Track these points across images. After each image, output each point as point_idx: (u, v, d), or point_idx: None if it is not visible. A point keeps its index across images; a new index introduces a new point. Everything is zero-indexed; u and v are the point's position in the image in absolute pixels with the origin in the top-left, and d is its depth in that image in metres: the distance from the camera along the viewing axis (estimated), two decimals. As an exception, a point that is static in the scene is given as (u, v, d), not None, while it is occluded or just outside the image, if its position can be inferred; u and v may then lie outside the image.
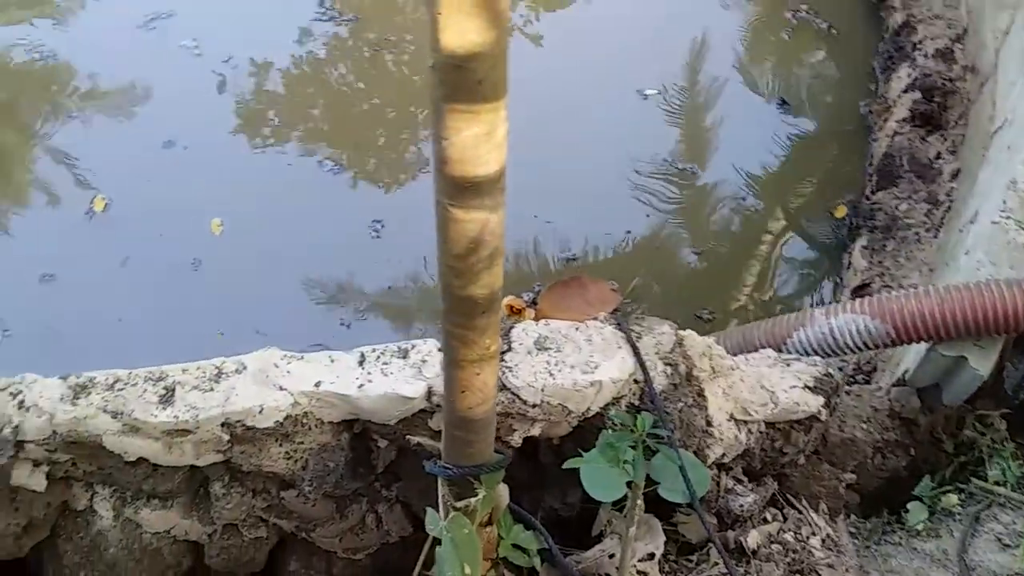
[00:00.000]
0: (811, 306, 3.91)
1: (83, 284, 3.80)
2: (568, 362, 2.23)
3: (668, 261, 4.01)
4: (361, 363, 2.27)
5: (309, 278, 3.83)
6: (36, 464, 2.26)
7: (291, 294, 3.79)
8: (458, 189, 1.31)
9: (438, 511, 1.90)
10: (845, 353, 2.67)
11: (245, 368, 2.25)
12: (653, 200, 4.13)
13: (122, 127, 4.16)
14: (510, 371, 2.20)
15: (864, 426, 2.88)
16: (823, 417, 2.52)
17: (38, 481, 2.27)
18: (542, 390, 2.19)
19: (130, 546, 2.46)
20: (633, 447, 1.79)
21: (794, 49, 4.81)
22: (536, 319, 2.52)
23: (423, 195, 4.04)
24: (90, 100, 4.24)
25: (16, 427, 2.15)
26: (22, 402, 2.18)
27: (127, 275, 3.84)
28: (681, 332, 2.38)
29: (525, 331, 2.32)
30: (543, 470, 2.51)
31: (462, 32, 1.14)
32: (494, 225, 1.37)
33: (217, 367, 2.25)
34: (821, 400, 2.49)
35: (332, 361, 2.28)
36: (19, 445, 2.17)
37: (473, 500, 1.83)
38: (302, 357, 2.29)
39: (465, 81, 1.19)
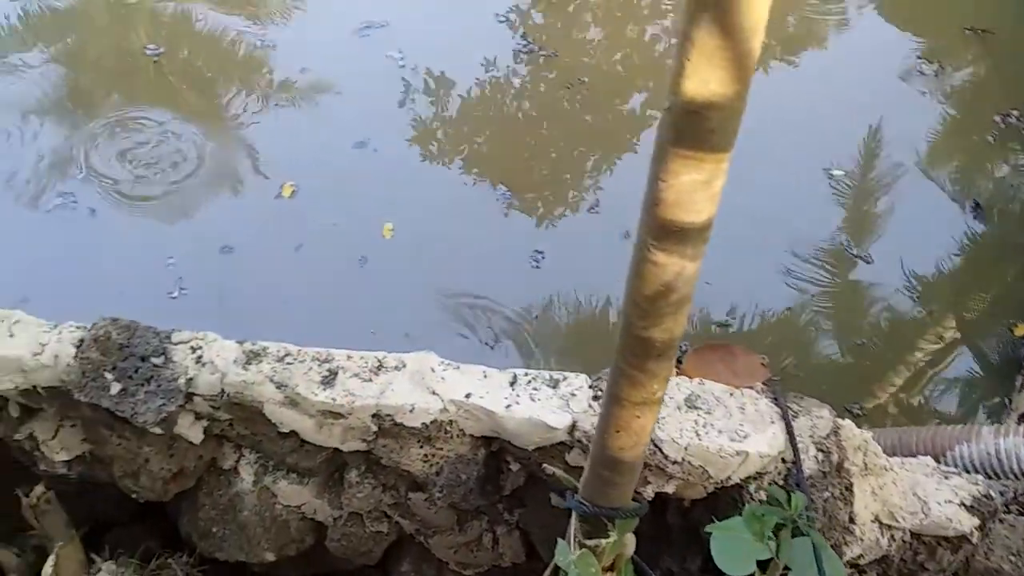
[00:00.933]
0: (969, 423, 3.69)
1: (258, 260, 4.03)
2: (717, 426, 2.19)
3: (819, 346, 3.89)
4: (512, 384, 2.31)
5: (464, 293, 3.93)
6: (198, 417, 2.40)
7: (443, 306, 3.90)
8: (665, 232, 1.32)
9: (565, 543, 1.90)
10: (1009, 477, 2.51)
11: (404, 366, 2.33)
12: (812, 281, 4.02)
13: (321, 121, 4.41)
14: (656, 422, 2.19)
15: (1012, 559, 2.68)
16: (974, 540, 2.38)
17: (196, 434, 2.42)
18: (685, 448, 2.16)
19: (262, 513, 2.57)
20: (783, 525, 1.74)
21: (996, 153, 4.60)
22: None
23: (586, 234, 4.08)
24: (296, 92, 4.53)
25: (190, 379, 2.30)
26: (200, 357, 2.33)
27: (299, 259, 4.04)
28: (839, 420, 2.30)
29: (678, 385, 2.31)
30: (667, 529, 2.47)
31: (706, 81, 1.16)
32: (690, 273, 1.38)
33: (379, 360, 2.34)
34: (976, 522, 2.35)
35: (485, 376, 2.33)
36: (189, 397, 2.32)
37: (604, 541, 1.82)
38: (458, 367, 2.35)
39: (698, 128, 1.21)
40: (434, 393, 2.28)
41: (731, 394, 2.28)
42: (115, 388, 2.27)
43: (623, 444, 1.68)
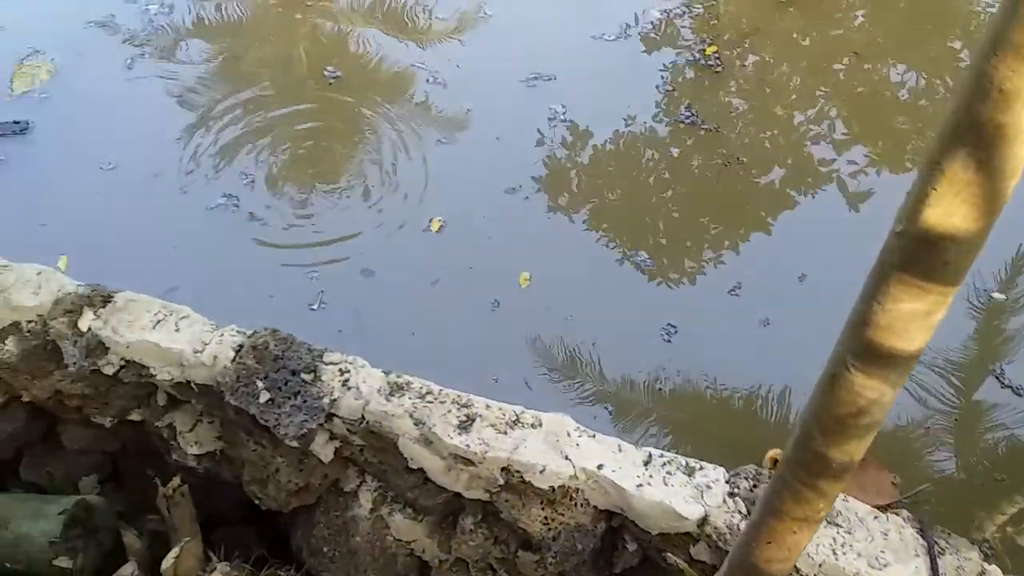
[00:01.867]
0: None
1: (395, 287, 4.12)
2: (856, 548, 2.10)
3: (938, 465, 3.69)
4: (646, 463, 2.27)
5: (591, 353, 3.91)
6: (332, 438, 2.46)
7: (569, 363, 3.89)
8: (870, 355, 1.28)
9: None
10: None
11: (540, 425, 2.33)
12: (938, 394, 3.84)
13: (478, 162, 4.50)
14: (793, 532, 2.11)
15: None
16: None
17: (327, 453, 2.47)
18: (820, 566, 2.07)
19: (373, 541, 2.60)
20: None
21: None
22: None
23: (723, 315, 4.00)
24: (459, 131, 4.64)
25: (334, 400, 2.36)
26: (347, 381, 2.39)
27: (434, 292, 4.11)
28: (986, 565, 2.16)
29: (818, 497, 2.22)
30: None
31: (950, 214, 1.12)
32: (888, 400, 1.33)
33: (516, 414, 2.35)
34: None
35: (620, 450, 2.30)
36: (329, 417, 2.38)
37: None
38: (594, 436, 2.33)
39: (931, 259, 1.17)
40: (567, 458, 2.26)
41: (875, 517, 2.18)
42: (264, 397, 2.34)
43: (771, 557, 1.62)
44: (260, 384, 2.35)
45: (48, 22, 4.93)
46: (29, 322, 2.47)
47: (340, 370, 2.42)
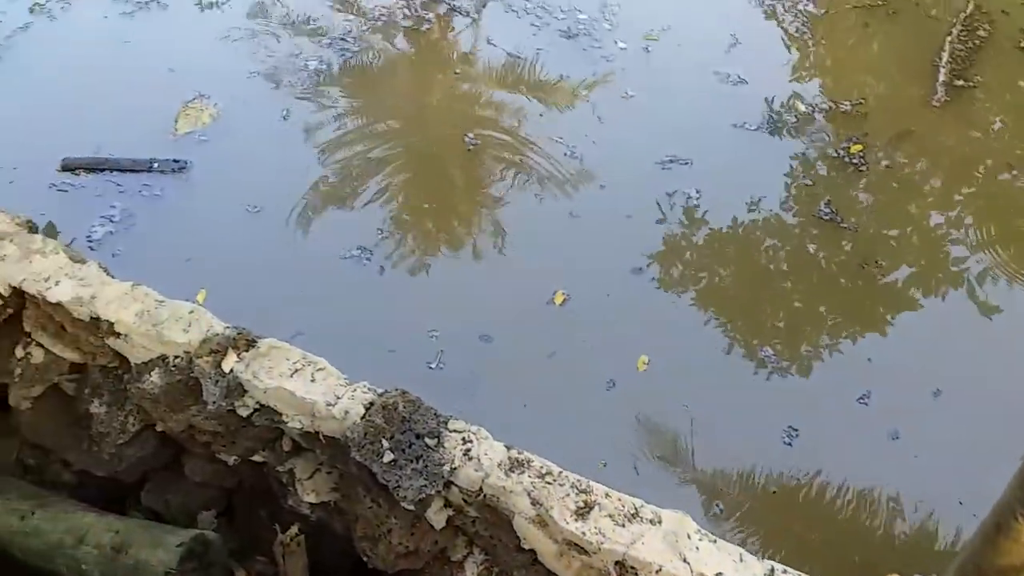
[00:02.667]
0: None
1: (512, 355, 4.14)
2: None
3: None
4: (768, 577, 2.18)
5: (706, 447, 3.81)
6: (447, 505, 2.45)
7: (681, 454, 3.81)
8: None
9: None
10: None
11: (659, 522, 2.27)
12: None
13: (608, 239, 4.52)
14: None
15: None
16: None
17: (440, 520, 2.47)
18: None
19: (474, 615, 2.56)
20: None
21: None
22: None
23: (849, 423, 3.85)
24: (591, 206, 4.66)
25: (455, 469, 2.36)
26: (468, 451, 2.39)
27: (550, 365, 4.11)
28: None
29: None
30: None
31: None
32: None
33: (635, 507, 2.29)
34: None
35: (741, 559, 2.21)
36: (448, 485, 2.38)
37: None
38: (715, 541, 2.25)
39: None
40: (685, 561, 2.19)
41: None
42: (388, 456, 2.37)
43: None
44: (385, 443, 2.38)
45: (216, 69, 5.25)
46: (176, 357, 2.58)
47: (463, 439, 2.42)
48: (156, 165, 4.67)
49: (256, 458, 2.79)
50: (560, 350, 4.16)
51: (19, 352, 2.88)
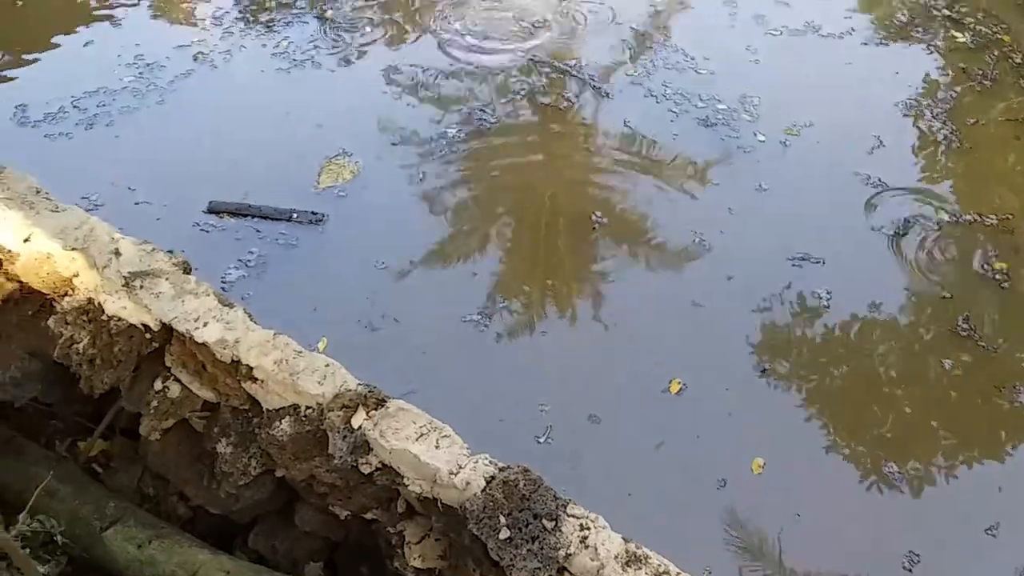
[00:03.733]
0: None
1: (619, 440, 4.07)
2: None
3: None
4: None
5: (816, 563, 3.64)
6: (556, 590, 2.40)
7: (790, 569, 3.64)
8: None
9: None
10: None
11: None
12: None
13: (732, 334, 4.43)
14: None
15: None
16: None
17: (547, 604, 2.41)
18: None
19: None
20: None
21: None
22: None
23: (975, 555, 3.62)
24: (718, 298, 4.59)
25: (569, 555, 2.32)
26: (585, 539, 2.35)
27: (657, 456, 4.01)
28: None
29: None
30: None
31: None
32: None
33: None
34: None
35: None
36: (561, 571, 2.33)
37: None
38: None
39: None
40: None
41: None
42: (504, 533, 2.34)
43: None
44: (503, 520, 2.36)
45: (361, 128, 5.46)
46: (308, 408, 2.64)
47: (581, 525, 2.38)
48: (295, 215, 4.86)
49: (368, 515, 2.81)
50: (670, 440, 4.07)
51: (157, 385, 3.00)
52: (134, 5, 6.27)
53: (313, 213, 4.89)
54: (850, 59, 6.08)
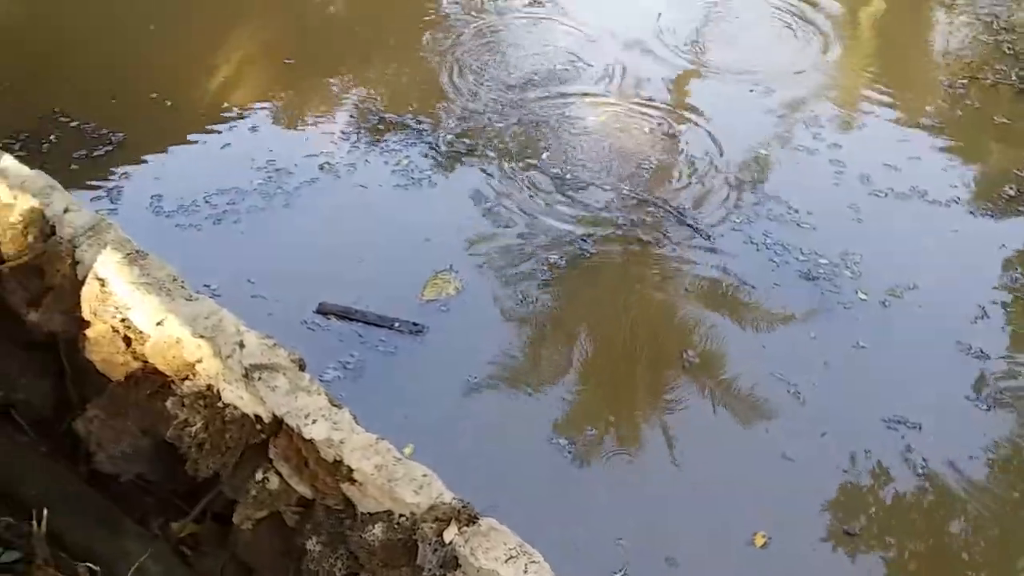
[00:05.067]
0: None
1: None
2: None
3: None
4: None
5: None
6: None
7: None
8: None
9: None
10: None
11: None
12: None
13: (821, 490, 4.35)
14: None
15: None
16: None
17: None
18: None
19: None
20: None
21: None
22: None
23: None
24: (807, 452, 4.53)
25: None
26: None
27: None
28: None
29: None
30: None
31: None
32: None
33: None
34: None
35: None
36: None
37: None
38: None
39: None
40: None
41: None
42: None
43: None
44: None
45: (468, 246, 5.69)
46: (402, 516, 2.70)
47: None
48: (397, 324, 5.04)
49: (447, 632, 2.81)
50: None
51: (258, 475, 3.10)
52: (273, 116, 6.76)
53: (414, 324, 5.07)
54: (956, 227, 6.09)
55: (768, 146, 6.69)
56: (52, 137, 6.31)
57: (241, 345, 3.10)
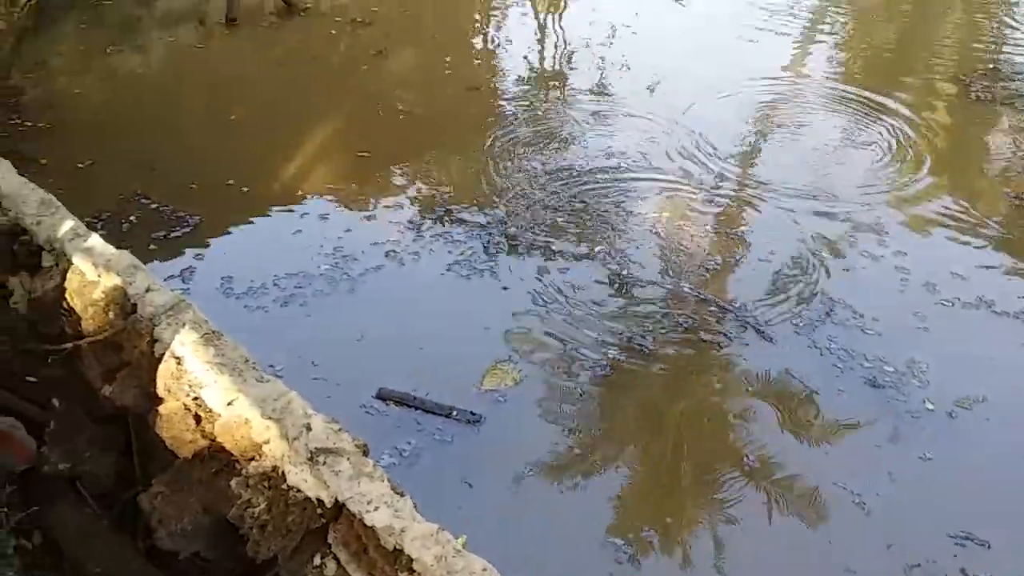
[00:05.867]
0: None
1: None
2: None
3: None
4: None
5: None
6: None
7: None
8: None
9: None
10: None
11: None
12: None
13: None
14: None
15: None
16: None
17: None
18: None
19: None
20: None
21: None
22: None
23: None
24: (870, 564, 4.38)
25: None
26: None
27: None
28: None
29: None
30: None
31: None
32: None
33: None
34: None
35: None
36: None
37: None
38: None
39: None
40: None
41: None
42: None
43: None
44: None
45: (529, 338, 5.72)
46: (459, 610, 2.67)
47: None
48: (455, 413, 5.06)
49: None
50: None
51: (316, 560, 3.11)
52: (343, 205, 6.99)
53: (472, 413, 5.08)
54: None
55: (833, 251, 6.67)
56: (132, 217, 6.60)
57: (308, 428, 3.15)
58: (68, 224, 4.13)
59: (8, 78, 8.27)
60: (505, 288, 6.18)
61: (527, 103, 8.66)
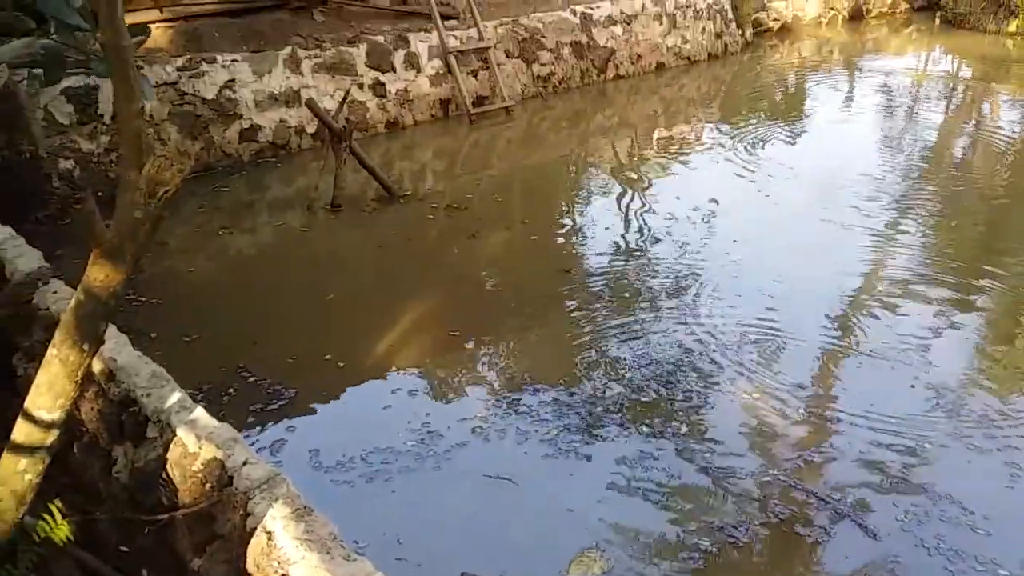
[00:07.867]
0: None
1: None
2: None
3: None
4: None
5: None
6: None
7: None
8: None
9: None
10: None
11: None
12: None
13: None
14: None
15: None
16: None
17: None
18: None
19: None
20: None
21: None
22: None
23: None
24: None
25: None
26: None
27: None
28: None
29: None
30: None
31: None
32: None
33: None
34: None
35: None
36: None
37: None
38: None
39: None
40: None
41: None
42: None
43: None
44: None
45: (611, 526, 5.56)
46: None
47: None
48: (534, 603, 4.89)
49: None
50: None
51: None
52: (433, 381, 7.12)
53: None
54: None
55: (937, 444, 6.39)
56: (232, 390, 6.84)
57: (393, 612, 3.09)
58: (175, 396, 4.31)
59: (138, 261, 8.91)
60: (591, 470, 6.08)
61: (613, 287, 8.82)
